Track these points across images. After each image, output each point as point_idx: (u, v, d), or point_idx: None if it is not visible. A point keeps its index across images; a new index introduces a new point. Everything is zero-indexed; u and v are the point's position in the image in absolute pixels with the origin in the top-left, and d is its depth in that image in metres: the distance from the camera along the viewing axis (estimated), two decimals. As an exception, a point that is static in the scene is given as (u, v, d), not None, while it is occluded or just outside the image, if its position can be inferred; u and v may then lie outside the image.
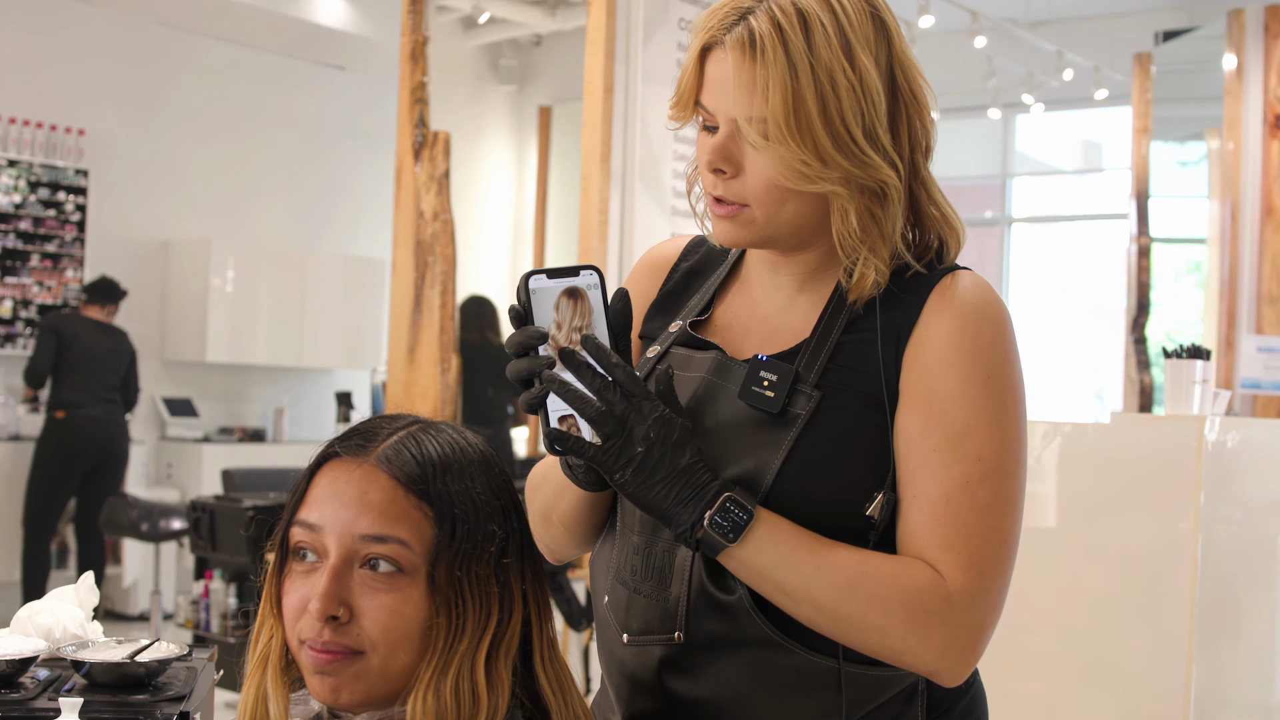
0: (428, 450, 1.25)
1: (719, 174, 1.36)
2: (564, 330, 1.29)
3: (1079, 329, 10.55)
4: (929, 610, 1.28)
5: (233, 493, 5.67)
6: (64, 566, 7.62)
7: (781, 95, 1.30)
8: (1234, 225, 7.03)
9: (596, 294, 1.30)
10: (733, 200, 1.37)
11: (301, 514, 1.25)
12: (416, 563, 1.22)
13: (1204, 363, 3.43)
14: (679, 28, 4.72)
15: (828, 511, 1.33)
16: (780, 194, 1.35)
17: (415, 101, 5.40)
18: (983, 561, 1.30)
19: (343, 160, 9.30)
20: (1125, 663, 3.30)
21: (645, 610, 1.41)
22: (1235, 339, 6.95)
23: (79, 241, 8.02)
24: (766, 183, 1.34)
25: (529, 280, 1.29)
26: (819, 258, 1.43)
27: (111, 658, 1.77)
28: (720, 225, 1.39)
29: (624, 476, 1.28)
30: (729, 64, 1.33)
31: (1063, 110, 9.95)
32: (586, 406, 1.25)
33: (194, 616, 5.30)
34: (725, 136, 1.35)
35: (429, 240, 5.33)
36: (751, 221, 1.37)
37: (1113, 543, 3.36)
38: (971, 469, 1.31)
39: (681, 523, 1.29)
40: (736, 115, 1.33)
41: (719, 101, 1.34)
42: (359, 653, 1.21)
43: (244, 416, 8.96)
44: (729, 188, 1.36)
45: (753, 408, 1.37)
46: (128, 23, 8.24)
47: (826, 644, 1.34)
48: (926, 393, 1.34)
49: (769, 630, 1.34)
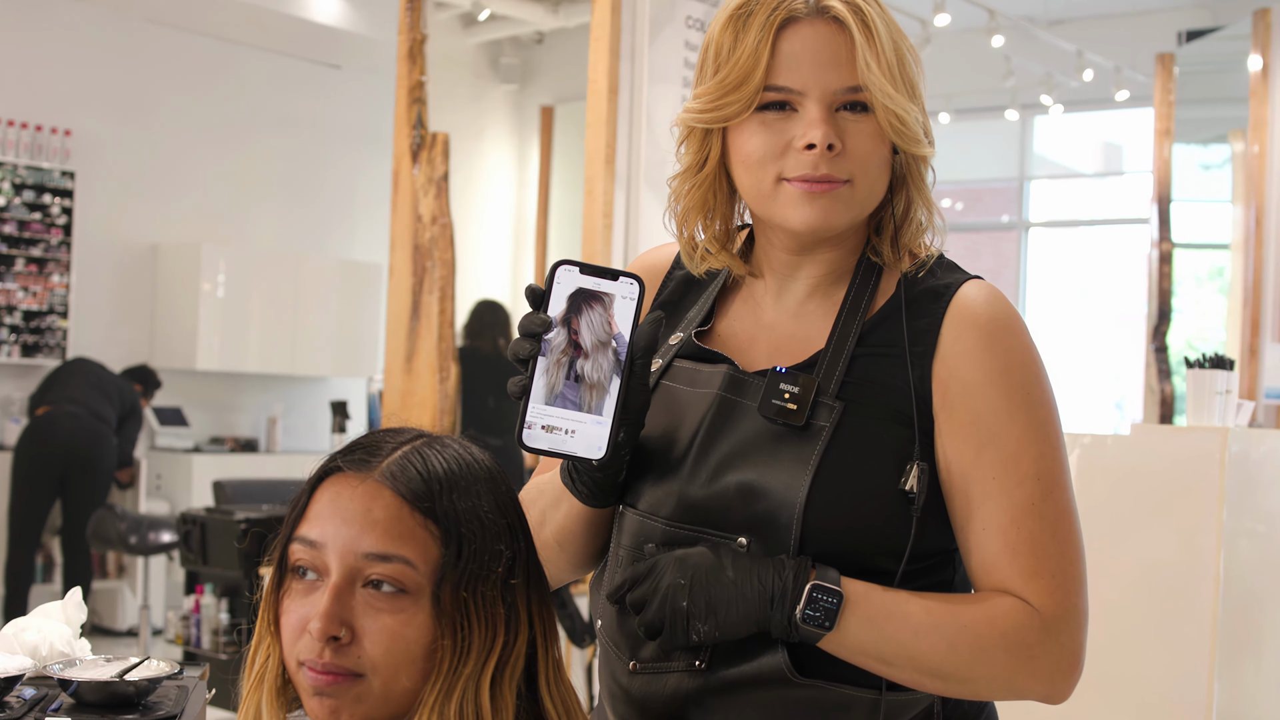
0: (433, 466, 1.25)
1: (828, 150, 1.35)
2: (583, 334, 1.29)
3: (1098, 337, 10.55)
4: (1030, 644, 1.32)
5: (224, 505, 5.67)
6: (49, 580, 7.62)
7: (895, 51, 1.36)
8: (1258, 230, 7.03)
9: (629, 306, 1.30)
10: (839, 176, 1.37)
11: (302, 530, 1.25)
12: (421, 583, 1.21)
13: (1227, 373, 3.43)
14: (686, 25, 4.73)
15: (866, 514, 1.34)
16: (880, 163, 1.38)
17: (413, 101, 5.40)
18: (1065, 581, 1.34)
19: (338, 162, 9.31)
20: (1145, 679, 3.30)
21: None
22: (1259, 348, 6.95)
23: (65, 245, 8.02)
24: (872, 152, 1.37)
25: (559, 268, 1.30)
26: (843, 256, 1.45)
27: (100, 676, 1.77)
28: (816, 206, 1.37)
29: (704, 634, 1.31)
30: (825, 33, 1.36)
31: (1082, 111, 9.95)
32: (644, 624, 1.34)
33: (184, 632, 5.30)
34: (827, 110, 1.36)
35: (427, 244, 5.33)
36: (851, 197, 1.38)
37: (1133, 557, 3.36)
38: (1033, 490, 1.34)
39: (777, 625, 1.30)
40: (853, 80, 1.35)
41: (812, 76, 1.36)
42: (360, 675, 1.21)
43: (236, 426, 8.97)
44: (835, 164, 1.36)
45: (773, 422, 1.37)
46: (116, 19, 8.25)
47: (853, 674, 1.35)
48: (972, 417, 1.36)
49: (792, 673, 1.35)
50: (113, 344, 8.27)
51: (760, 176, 1.38)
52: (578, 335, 1.30)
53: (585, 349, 1.30)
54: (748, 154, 1.39)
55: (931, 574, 1.39)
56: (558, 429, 1.30)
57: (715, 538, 1.37)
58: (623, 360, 1.30)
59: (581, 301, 1.30)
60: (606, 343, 1.30)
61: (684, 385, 1.45)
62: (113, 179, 8.26)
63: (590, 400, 1.30)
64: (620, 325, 1.30)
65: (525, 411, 1.29)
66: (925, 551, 1.37)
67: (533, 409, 1.29)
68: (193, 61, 8.62)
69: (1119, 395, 10.46)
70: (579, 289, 1.30)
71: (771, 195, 1.39)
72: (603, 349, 1.30)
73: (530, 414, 1.29)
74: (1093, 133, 10.68)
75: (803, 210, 1.37)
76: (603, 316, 1.30)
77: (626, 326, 1.30)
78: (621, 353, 1.30)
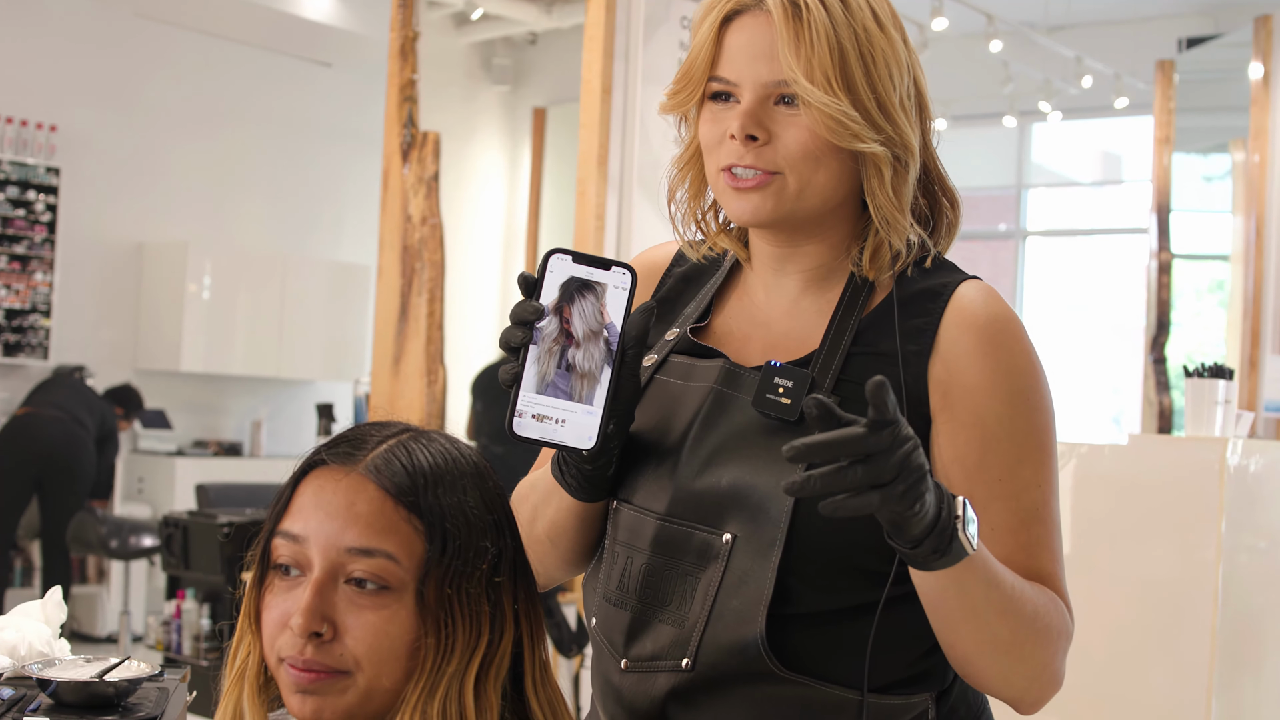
0: (419, 460, 1.25)
1: (749, 141, 1.37)
2: (575, 324, 1.30)
3: (1096, 348, 10.57)
4: (1061, 643, 1.36)
5: (207, 509, 5.66)
6: (29, 584, 7.60)
7: (828, 46, 1.35)
8: (1259, 241, 7.05)
9: (621, 296, 1.31)
10: (764, 168, 1.38)
11: (284, 525, 1.24)
12: (404, 579, 1.21)
13: (1226, 383, 3.44)
14: (681, 25, 4.74)
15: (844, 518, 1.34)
16: (815, 157, 1.38)
17: (404, 100, 5.41)
18: (1063, 575, 1.39)
19: (327, 161, 9.31)
20: (1143, 696, 3.30)
21: (658, 635, 1.40)
22: (1259, 359, 6.96)
23: (49, 243, 8.01)
24: (803, 145, 1.37)
25: (551, 256, 1.31)
26: (828, 251, 1.45)
27: (79, 676, 1.76)
28: (745, 199, 1.39)
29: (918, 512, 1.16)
30: (763, 25, 1.37)
31: (1081, 119, 9.97)
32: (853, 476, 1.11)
33: (165, 638, 5.28)
34: (755, 102, 1.37)
35: (417, 246, 5.33)
36: (782, 190, 1.39)
37: (1130, 571, 3.36)
38: (1035, 495, 1.37)
39: (946, 527, 1.19)
40: (780, 74, 1.36)
41: (745, 68, 1.38)
42: (342, 672, 1.21)
43: (220, 429, 8.96)
44: (760, 155, 1.38)
45: (767, 416, 1.38)
46: (103, 13, 8.25)
47: (841, 675, 1.35)
48: (975, 419, 1.36)
49: (776, 666, 1.34)
50: (96, 344, 8.26)
51: (710, 165, 1.43)
52: (569, 324, 1.31)
53: (577, 338, 1.31)
54: (701, 142, 1.44)
55: None
56: (548, 418, 1.30)
57: (705, 533, 1.38)
58: (614, 350, 1.30)
59: (574, 290, 1.31)
60: (598, 332, 1.31)
61: (678, 380, 1.46)
62: (98, 176, 8.26)
63: (581, 390, 1.31)
64: (612, 315, 1.31)
65: (516, 400, 1.30)
66: None
67: (523, 397, 1.30)
68: (182, 57, 8.62)
69: (1117, 409, 10.48)
70: (571, 278, 1.31)
71: (716, 184, 1.43)
72: (594, 338, 1.31)
73: (521, 402, 1.30)
74: (1092, 140, 10.71)
75: (733, 205, 1.41)
76: (595, 306, 1.31)
77: (618, 316, 1.31)
78: (613, 342, 1.31)
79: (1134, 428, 8.46)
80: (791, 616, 1.35)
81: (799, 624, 1.36)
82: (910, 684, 1.39)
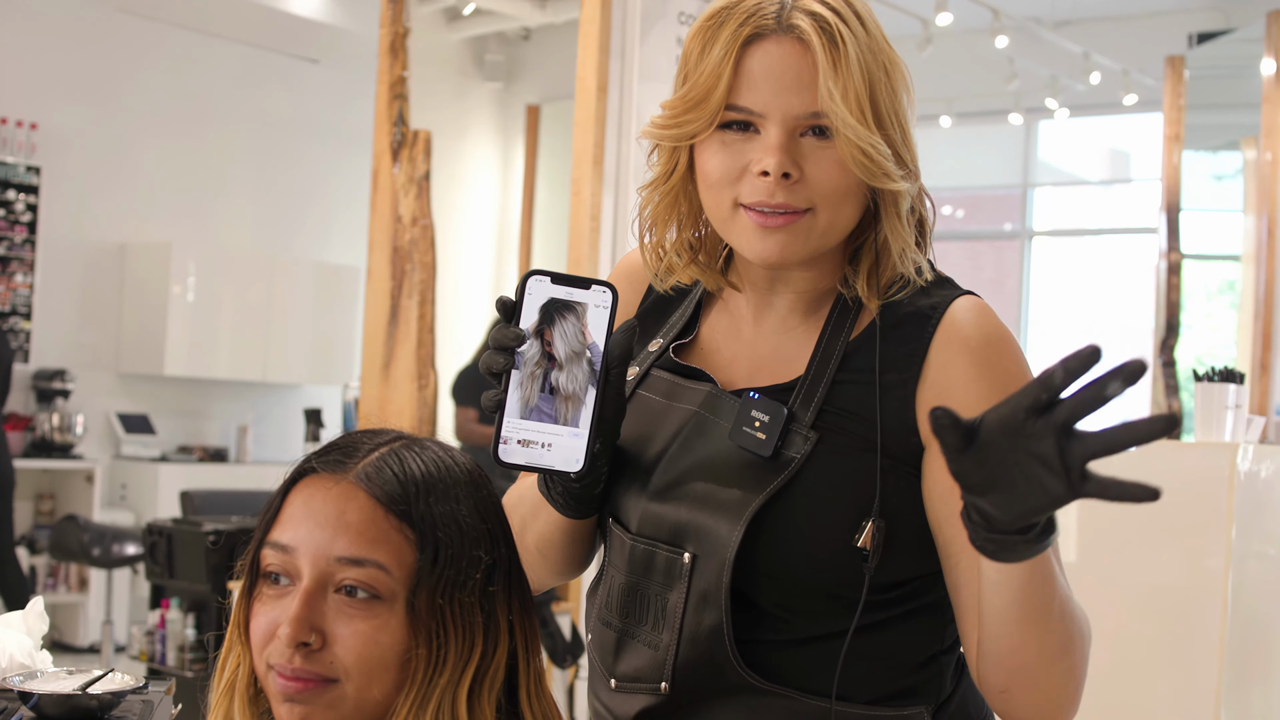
0: (411, 469, 1.25)
1: (784, 179, 1.33)
2: (556, 346, 1.30)
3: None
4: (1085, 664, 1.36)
5: (192, 516, 5.65)
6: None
7: (862, 78, 1.31)
8: (1270, 241, 7.06)
9: (603, 315, 1.31)
10: (795, 205, 1.34)
11: (274, 534, 1.25)
12: (395, 589, 1.22)
13: (1237, 387, 3.44)
14: (679, 21, 4.74)
15: (815, 552, 1.34)
16: (844, 192, 1.34)
17: (394, 98, 5.41)
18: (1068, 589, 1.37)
19: (315, 160, 9.31)
20: (1151, 706, 3.31)
21: (637, 655, 1.42)
22: (1270, 363, 6.97)
23: (29, 244, 8.01)
24: (834, 181, 1.33)
25: (529, 279, 1.31)
26: (821, 276, 1.44)
27: (62, 689, 1.77)
28: (772, 238, 1.35)
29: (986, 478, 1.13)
30: (791, 53, 1.32)
31: (1089, 116, 9.98)
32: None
33: (149, 648, 5.28)
34: (787, 135, 1.33)
35: (407, 247, 5.34)
36: (811, 228, 1.35)
37: (1137, 579, 3.37)
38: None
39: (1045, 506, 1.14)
40: (814, 106, 1.32)
41: (773, 99, 1.33)
42: (331, 680, 1.21)
43: (205, 434, 8.95)
44: (793, 192, 1.33)
45: (743, 449, 1.37)
46: (85, 8, 8.25)
47: (825, 687, 1.36)
48: None
49: (755, 679, 1.35)
50: (77, 347, 8.26)
51: (719, 199, 1.37)
52: (551, 346, 1.31)
53: (559, 360, 1.31)
54: (708, 174, 1.37)
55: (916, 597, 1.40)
56: (534, 443, 1.31)
57: (667, 552, 1.39)
58: (598, 370, 1.31)
59: (554, 312, 1.31)
60: (581, 353, 1.32)
61: (660, 397, 1.46)
62: (80, 175, 8.25)
63: (566, 412, 1.32)
64: (594, 335, 1.31)
65: (500, 427, 1.31)
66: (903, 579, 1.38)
67: (508, 424, 1.31)
68: (165, 54, 8.61)
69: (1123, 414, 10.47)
70: (551, 299, 1.31)
71: (730, 220, 1.38)
72: (577, 359, 1.32)
73: (505, 429, 1.31)
74: (1099, 138, 10.72)
75: (758, 244, 1.36)
76: (576, 326, 1.31)
77: (600, 336, 1.31)
78: (596, 363, 1.31)
79: (1142, 432, 8.45)
80: (767, 640, 1.37)
81: (775, 645, 1.37)
82: (903, 696, 1.39)
